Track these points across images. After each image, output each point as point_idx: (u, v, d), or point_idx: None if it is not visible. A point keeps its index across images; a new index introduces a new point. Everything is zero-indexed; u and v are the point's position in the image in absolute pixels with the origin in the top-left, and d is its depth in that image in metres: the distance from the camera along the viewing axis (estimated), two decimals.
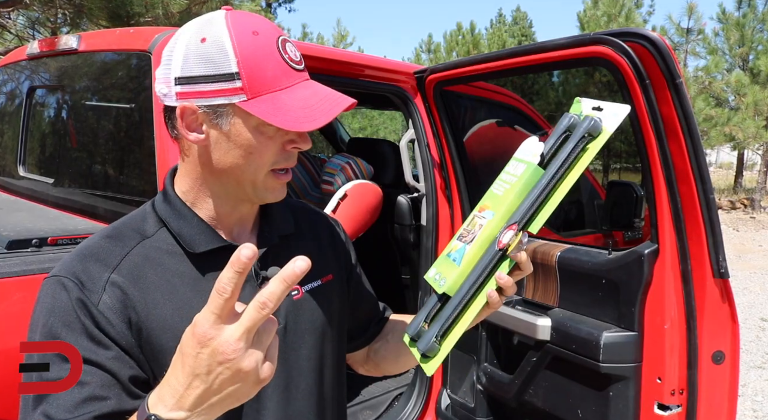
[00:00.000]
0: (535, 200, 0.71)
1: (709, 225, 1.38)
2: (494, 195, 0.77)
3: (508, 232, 0.72)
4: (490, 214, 0.75)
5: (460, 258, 0.75)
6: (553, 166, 0.72)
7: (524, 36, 20.94)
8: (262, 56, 0.71)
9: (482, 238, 0.74)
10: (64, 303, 0.69)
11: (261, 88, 0.71)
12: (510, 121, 2.57)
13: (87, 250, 0.74)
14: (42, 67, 2.05)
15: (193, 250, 0.76)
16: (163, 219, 0.78)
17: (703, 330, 1.44)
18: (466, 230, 0.78)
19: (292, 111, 0.70)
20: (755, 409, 3.37)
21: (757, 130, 11.36)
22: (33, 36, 5.65)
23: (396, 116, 12.62)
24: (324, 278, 0.89)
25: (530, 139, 0.77)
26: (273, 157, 0.74)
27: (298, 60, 0.74)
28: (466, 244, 0.76)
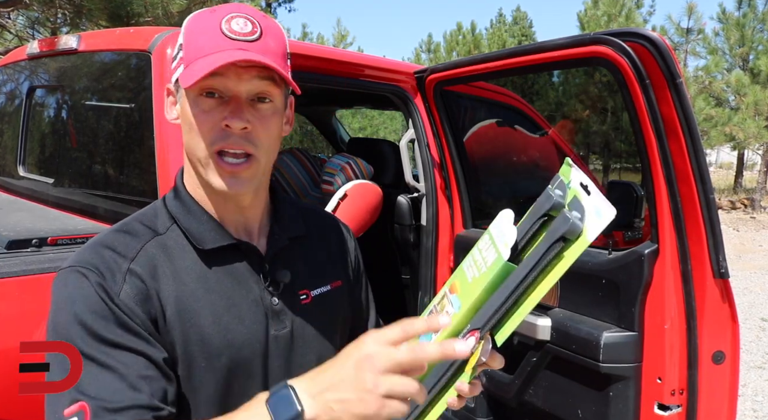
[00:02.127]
0: (500, 306, 0.64)
1: (709, 225, 1.38)
2: (464, 278, 0.71)
3: (470, 338, 0.65)
4: (457, 303, 0.69)
5: None
6: (523, 268, 0.65)
7: (524, 36, 20.94)
8: (201, 28, 0.72)
9: (446, 333, 0.68)
10: (87, 290, 0.68)
11: (191, 57, 0.72)
12: (510, 121, 2.57)
13: (102, 243, 0.74)
14: (42, 67, 2.05)
15: (202, 247, 0.76)
16: (173, 216, 0.78)
17: (703, 330, 1.44)
18: (435, 310, 0.73)
19: (194, 71, 0.69)
20: (755, 409, 3.37)
21: (757, 130, 11.36)
22: (33, 36, 5.65)
23: (396, 116, 12.62)
24: (333, 283, 0.88)
25: (506, 213, 0.69)
26: (209, 133, 0.72)
27: (244, 32, 0.71)
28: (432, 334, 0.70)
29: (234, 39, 0.70)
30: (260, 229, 0.83)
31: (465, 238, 2.05)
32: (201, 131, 0.72)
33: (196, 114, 0.72)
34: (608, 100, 3.06)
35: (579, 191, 0.66)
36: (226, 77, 0.71)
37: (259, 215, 0.83)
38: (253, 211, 0.82)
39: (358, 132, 12.31)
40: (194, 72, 0.69)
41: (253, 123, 0.72)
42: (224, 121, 0.71)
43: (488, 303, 0.66)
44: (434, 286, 2.09)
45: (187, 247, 0.76)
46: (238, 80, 0.71)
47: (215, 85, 0.72)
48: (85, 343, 0.66)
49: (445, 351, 0.60)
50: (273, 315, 0.79)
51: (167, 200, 0.81)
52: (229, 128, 0.71)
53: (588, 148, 3.54)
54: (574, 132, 3.36)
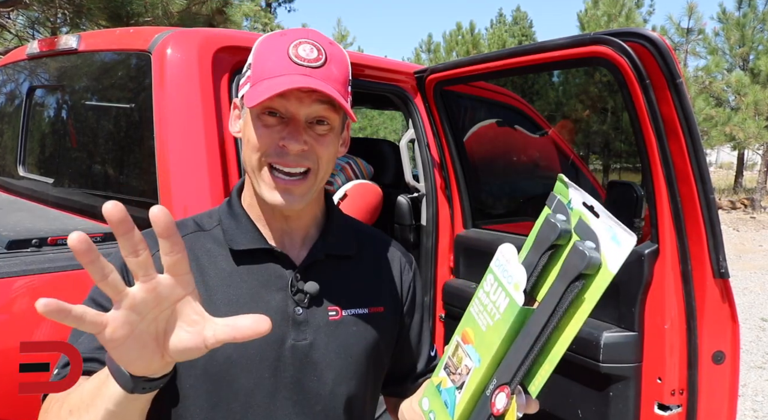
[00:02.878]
0: (525, 357, 0.60)
1: (709, 225, 1.38)
2: (476, 325, 0.66)
3: (500, 394, 0.62)
4: (476, 357, 0.65)
5: (452, 405, 0.68)
6: (542, 312, 0.59)
7: (524, 36, 20.94)
8: (270, 50, 0.76)
9: (471, 389, 0.65)
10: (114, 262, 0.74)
11: (257, 78, 0.75)
12: (510, 121, 2.57)
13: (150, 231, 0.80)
14: (42, 67, 2.05)
15: (232, 247, 0.81)
16: (220, 216, 0.85)
17: (703, 330, 1.44)
18: (452, 363, 0.70)
19: (259, 92, 0.73)
20: (755, 409, 3.37)
21: (757, 130, 11.36)
22: (33, 36, 5.65)
23: (396, 116, 12.62)
24: (373, 308, 0.87)
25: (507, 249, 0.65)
26: (265, 147, 0.76)
27: (310, 58, 0.75)
28: (456, 388, 0.67)
29: (299, 64, 0.74)
30: (304, 240, 0.85)
31: (465, 238, 2.05)
32: (258, 145, 0.76)
33: (256, 129, 0.76)
34: (608, 100, 3.06)
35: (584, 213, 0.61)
36: (288, 100, 0.75)
37: (303, 226, 0.85)
38: (299, 222, 0.84)
39: (358, 132, 12.31)
40: (258, 93, 0.73)
41: (310, 143, 0.77)
42: (282, 140, 0.75)
43: (511, 353, 0.62)
44: (434, 286, 2.09)
45: (223, 245, 0.82)
46: (299, 104, 0.75)
47: (276, 106, 0.76)
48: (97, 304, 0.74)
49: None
50: (294, 324, 0.80)
51: (222, 204, 0.88)
52: (285, 148, 0.76)
53: (588, 148, 3.54)
54: (574, 132, 3.36)
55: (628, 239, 0.56)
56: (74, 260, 1.28)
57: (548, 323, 0.59)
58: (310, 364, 0.80)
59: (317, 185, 0.80)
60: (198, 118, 1.42)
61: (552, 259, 0.63)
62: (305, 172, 0.77)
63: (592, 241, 0.58)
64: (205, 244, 0.82)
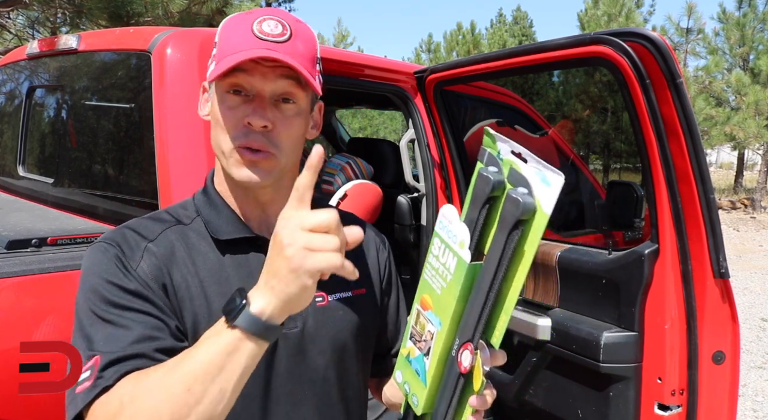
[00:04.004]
0: (481, 311, 0.61)
1: (709, 225, 1.37)
2: (432, 290, 0.68)
3: (464, 352, 0.63)
4: (436, 321, 0.67)
5: (423, 372, 0.70)
6: (490, 264, 0.60)
7: (525, 36, 20.94)
8: (234, 28, 0.75)
9: (437, 353, 0.67)
10: (105, 262, 0.73)
11: (222, 55, 0.74)
12: (510, 121, 2.57)
13: (127, 226, 0.79)
14: (42, 67, 2.05)
15: (218, 237, 0.79)
16: (197, 208, 0.83)
17: (703, 330, 1.44)
18: (416, 331, 0.71)
19: (222, 64, 0.72)
20: (756, 409, 3.37)
21: (757, 130, 11.35)
22: (32, 36, 5.65)
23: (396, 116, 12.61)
24: (356, 291, 0.87)
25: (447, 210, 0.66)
26: (233, 130, 0.75)
27: (274, 33, 0.73)
28: (423, 355, 0.69)
29: (263, 39, 0.73)
30: None
31: None
32: (226, 127, 0.75)
33: (222, 110, 0.76)
34: (608, 100, 3.06)
35: (514, 161, 0.62)
36: (252, 75, 0.74)
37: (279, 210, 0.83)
38: (275, 207, 0.82)
39: (358, 132, 12.32)
40: (220, 66, 0.72)
41: (274, 122, 0.75)
42: (246, 118, 0.74)
43: (468, 311, 0.63)
44: None
45: (206, 237, 0.80)
46: (263, 79, 0.74)
47: (240, 82, 0.74)
48: (99, 308, 0.70)
49: (310, 164, 0.59)
50: None
51: (196, 195, 0.85)
52: (250, 126, 0.74)
53: (588, 147, 3.54)
54: (574, 132, 3.36)
55: (557, 178, 0.57)
56: (74, 260, 1.29)
57: (497, 274, 0.60)
58: (301, 352, 0.80)
59: (282, 166, 0.78)
60: (198, 118, 1.41)
61: (491, 211, 0.64)
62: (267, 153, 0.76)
63: (525, 186, 0.60)
64: (188, 237, 0.79)
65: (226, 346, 0.59)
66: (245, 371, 0.61)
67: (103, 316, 0.69)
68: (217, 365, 0.59)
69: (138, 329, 0.68)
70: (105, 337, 0.67)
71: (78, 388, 0.66)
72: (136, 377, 0.63)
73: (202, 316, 0.75)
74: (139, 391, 0.61)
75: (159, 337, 0.69)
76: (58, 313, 1.20)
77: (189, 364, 0.60)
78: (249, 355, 0.60)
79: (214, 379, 0.59)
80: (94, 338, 0.68)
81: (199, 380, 0.59)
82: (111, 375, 0.64)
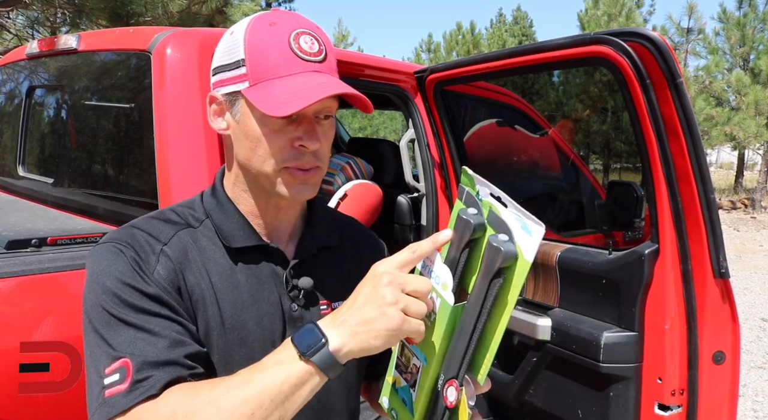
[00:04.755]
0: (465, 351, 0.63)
1: (709, 225, 1.37)
2: None
3: (449, 388, 0.65)
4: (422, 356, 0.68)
5: (409, 402, 0.71)
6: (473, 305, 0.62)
7: (524, 36, 20.93)
8: (268, 44, 0.71)
9: (424, 387, 0.68)
10: (122, 265, 0.70)
11: (261, 75, 0.71)
12: (510, 120, 2.56)
13: (136, 226, 0.76)
14: (41, 67, 2.05)
15: (230, 245, 0.78)
16: (207, 211, 0.80)
17: (703, 330, 1.44)
18: (402, 362, 0.73)
19: (277, 97, 0.69)
20: (756, 409, 3.37)
21: (757, 130, 11.35)
22: (32, 36, 5.65)
23: (396, 116, 12.61)
24: None
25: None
26: (280, 153, 0.73)
27: (313, 52, 0.72)
28: (409, 387, 0.71)
29: (307, 60, 0.72)
30: (292, 234, 0.83)
31: None
32: (271, 150, 0.73)
33: (266, 133, 0.72)
34: (608, 99, 3.06)
35: (493, 203, 0.63)
36: None
37: (293, 219, 0.83)
38: (290, 213, 0.82)
39: (358, 132, 12.31)
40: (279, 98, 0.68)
41: (321, 140, 0.75)
42: (298, 141, 0.73)
43: (452, 350, 0.65)
44: None
45: (217, 242, 0.78)
46: None
47: None
48: (117, 310, 0.67)
49: (435, 240, 0.65)
50: (290, 320, 0.79)
51: (204, 196, 0.82)
52: (303, 148, 0.73)
53: (588, 147, 3.54)
54: (575, 132, 3.36)
55: (538, 229, 0.58)
56: (74, 260, 1.29)
57: (479, 318, 0.62)
58: None
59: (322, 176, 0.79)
60: (198, 118, 1.42)
61: (472, 252, 0.65)
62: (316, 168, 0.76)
63: (505, 232, 0.61)
64: (200, 241, 0.77)
65: (297, 378, 0.60)
66: (303, 403, 0.62)
67: (124, 318, 0.67)
68: (284, 394, 0.60)
69: (166, 334, 0.67)
70: (129, 341, 0.66)
71: (108, 390, 0.63)
72: (186, 390, 0.63)
73: (214, 322, 0.74)
74: (196, 407, 0.60)
75: (185, 342, 0.68)
76: (58, 313, 1.20)
77: (255, 388, 0.60)
78: (313, 389, 0.62)
79: (278, 408, 0.60)
80: (113, 340, 0.66)
81: (264, 406, 0.59)
82: (154, 383, 0.63)
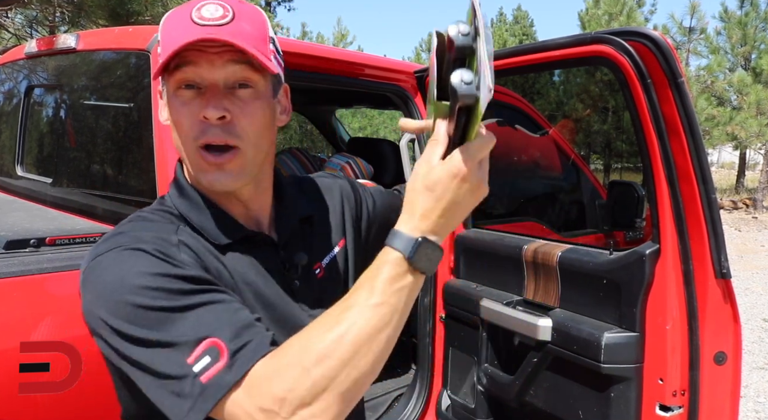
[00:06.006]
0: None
1: (710, 225, 1.37)
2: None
3: None
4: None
5: None
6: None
7: (525, 35, 20.92)
8: (173, 21, 0.71)
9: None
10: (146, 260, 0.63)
11: (164, 50, 0.69)
12: (510, 120, 2.56)
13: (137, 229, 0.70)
14: (40, 66, 2.05)
15: (219, 242, 0.73)
16: (183, 215, 0.74)
17: (704, 331, 1.43)
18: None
19: (161, 58, 0.67)
20: (758, 410, 3.36)
21: (759, 130, 11.34)
22: (31, 35, 5.65)
23: (396, 116, 12.59)
24: (339, 245, 0.88)
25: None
26: (190, 129, 0.69)
27: (214, 17, 0.68)
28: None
29: (203, 25, 0.67)
30: (271, 219, 0.81)
31: (465, 238, 2.04)
32: (183, 126, 0.70)
33: (176, 108, 0.70)
34: (609, 99, 3.06)
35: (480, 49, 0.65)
36: (199, 66, 0.68)
37: (266, 207, 0.81)
38: (258, 203, 0.79)
39: (358, 132, 12.31)
40: (160, 59, 0.68)
41: (232, 111, 0.69)
42: (201, 112, 0.68)
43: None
44: (434, 286, 2.08)
45: (205, 245, 0.73)
46: (210, 67, 0.68)
47: (189, 76, 0.69)
48: (169, 301, 0.60)
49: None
50: (299, 299, 0.79)
51: (172, 198, 0.77)
52: (206, 120, 0.68)
53: (589, 147, 3.53)
54: (575, 131, 3.35)
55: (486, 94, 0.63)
56: (73, 260, 1.28)
57: None
58: None
59: (251, 159, 0.72)
60: None
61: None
62: (231, 147, 0.70)
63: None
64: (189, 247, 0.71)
65: (411, 289, 0.63)
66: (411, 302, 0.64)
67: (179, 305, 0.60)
68: (404, 302, 0.62)
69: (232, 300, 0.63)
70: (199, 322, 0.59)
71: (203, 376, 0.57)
72: (297, 335, 0.60)
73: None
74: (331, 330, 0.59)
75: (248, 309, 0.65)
76: (57, 313, 1.20)
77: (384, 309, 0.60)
78: (417, 286, 0.65)
79: (402, 316, 0.62)
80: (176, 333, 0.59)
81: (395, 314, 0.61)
82: (261, 340, 0.60)
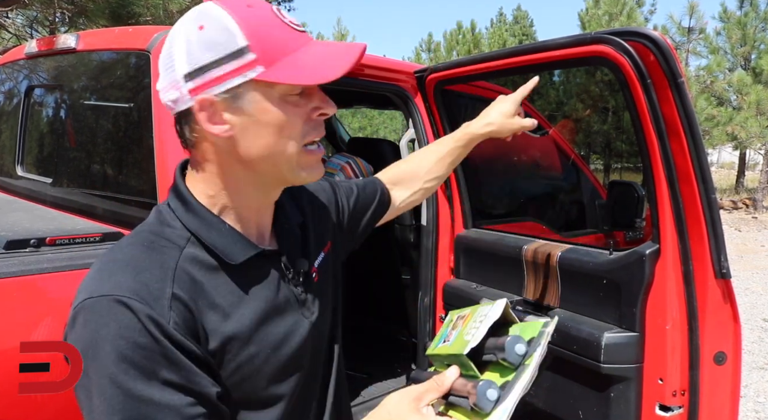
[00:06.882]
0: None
1: (710, 225, 1.37)
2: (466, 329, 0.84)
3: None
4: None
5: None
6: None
7: (525, 35, 20.91)
8: (265, 24, 0.69)
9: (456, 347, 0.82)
10: (133, 325, 0.61)
11: (276, 55, 0.68)
12: None
13: (133, 262, 0.66)
14: (40, 67, 2.05)
15: (233, 261, 0.71)
16: (192, 231, 0.71)
17: (704, 331, 1.43)
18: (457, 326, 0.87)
19: (312, 67, 0.68)
20: (757, 410, 3.36)
21: (759, 130, 11.34)
22: (31, 35, 5.65)
23: (396, 116, 12.62)
24: (325, 248, 0.89)
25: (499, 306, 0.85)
26: (303, 128, 0.71)
27: (298, 23, 0.72)
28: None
29: (300, 31, 0.71)
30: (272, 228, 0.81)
31: (465, 239, 2.04)
32: (294, 127, 0.70)
33: (288, 111, 0.69)
34: (609, 99, 3.06)
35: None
36: None
37: (271, 212, 0.81)
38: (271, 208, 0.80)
39: (358, 131, 12.31)
40: (312, 68, 0.68)
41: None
42: (317, 111, 0.72)
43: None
44: (434, 286, 2.08)
45: (213, 263, 0.71)
46: None
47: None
48: (135, 384, 0.60)
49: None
50: (303, 306, 0.80)
51: (177, 213, 0.73)
52: (323, 115, 0.73)
53: (589, 147, 3.53)
54: (575, 132, 3.35)
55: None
56: (73, 260, 1.28)
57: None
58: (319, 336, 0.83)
59: None
60: None
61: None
62: None
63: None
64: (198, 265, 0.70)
65: None
66: None
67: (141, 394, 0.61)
68: None
69: (182, 414, 0.62)
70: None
71: None
72: None
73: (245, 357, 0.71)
74: None
75: (204, 415, 0.64)
76: (57, 313, 1.20)
77: None
78: None
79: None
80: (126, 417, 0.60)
81: None
82: None
